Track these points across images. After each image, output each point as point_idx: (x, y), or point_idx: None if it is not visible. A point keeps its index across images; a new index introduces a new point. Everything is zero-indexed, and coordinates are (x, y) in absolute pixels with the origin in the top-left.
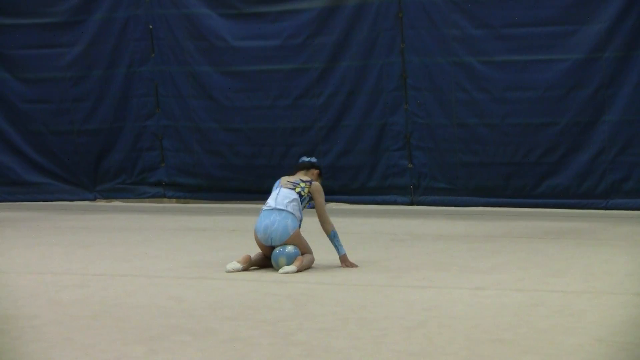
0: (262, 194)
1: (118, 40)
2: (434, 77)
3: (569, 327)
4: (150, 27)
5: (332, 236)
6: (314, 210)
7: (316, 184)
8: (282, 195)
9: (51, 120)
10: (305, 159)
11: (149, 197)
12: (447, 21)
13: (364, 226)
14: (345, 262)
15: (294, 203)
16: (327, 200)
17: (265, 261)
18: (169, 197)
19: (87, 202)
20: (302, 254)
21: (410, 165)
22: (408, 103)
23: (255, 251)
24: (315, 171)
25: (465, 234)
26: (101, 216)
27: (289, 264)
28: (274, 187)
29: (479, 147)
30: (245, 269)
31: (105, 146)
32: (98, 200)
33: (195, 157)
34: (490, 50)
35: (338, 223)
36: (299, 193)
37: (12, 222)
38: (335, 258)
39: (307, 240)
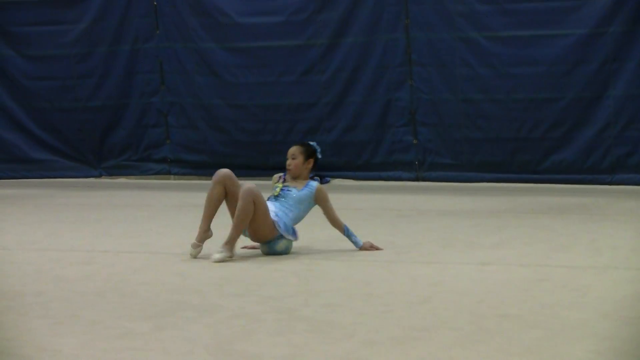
0: (267, 170)
1: (122, 17)
2: (439, 53)
3: (574, 302)
4: (155, 3)
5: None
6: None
7: None
8: None
9: (56, 97)
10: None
11: (154, 174)
12: None
13: (368, 202)
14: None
15: None
16: (333, 177)
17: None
18: (174, 174)
19: (92, 179)
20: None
21: (415, 141)
22: (413, 79)
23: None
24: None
25: (470, 210)
26: (106, 193)
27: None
28: None
29: (484, 123)
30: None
31: (110, 123)
32: (103, 177)
33: (200, 133)
34: (495, 25)
35: (343, 199)
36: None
37: (17, 199)
38: (341, 238)
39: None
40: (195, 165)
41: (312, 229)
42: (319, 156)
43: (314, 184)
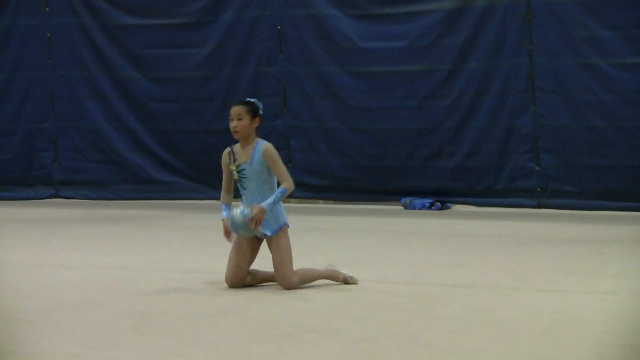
0: (388, 194)
1: (246, 41)
2: (562, 79)
3: None
4: (279, 27)
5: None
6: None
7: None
8: None
9: (180, 119)
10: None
11: None
12: (576, 22)
13: (490, 229)
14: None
15: None
16: (454, 202)
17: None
18: (296, 197)
19: (214, 201)
20: None
21: (537, 168)
22: (536, 105)
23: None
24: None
25: (592, 238)
26: None
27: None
28: None
29: (608, 150)
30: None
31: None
32: None
33: (322, 157)
34: (620, 51)
35: (464, 225)
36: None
37: (141, 220)
38: (462, 265)
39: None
40: (316, 189)
41: (431, 255)
42: (261, 113)
43: (260, 145)
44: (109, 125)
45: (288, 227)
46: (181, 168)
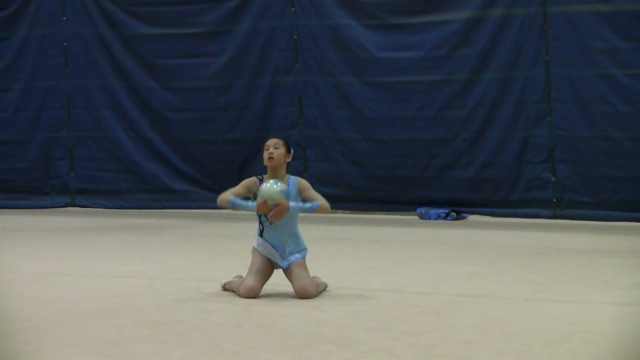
0: (404, 205)
1: (263, 50)
2: (579, 90)
3: None
4: (295, 37)
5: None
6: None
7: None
8: None
9: (196, 128)
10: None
11: None
12: (593, 33)
13: (506, 239)
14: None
15: None
16: (470, 213)
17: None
18: None
19: (230, 211)
20: None
21: (553, 179)
22: (552, 116)
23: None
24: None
25: (609, 249)
26: (245, 224)
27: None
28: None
29: (624, 161)
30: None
31: (249, 155)
32: None
33: (338, 167)
34: (637, 62)
35: (480, 236)
36: None
37: (157, 229)
38: (480, 275)
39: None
40: (332, 199)
41: (447, 265)
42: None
43: (294, 179)
44: (126, 135)
45: None
46: (197, 177)
